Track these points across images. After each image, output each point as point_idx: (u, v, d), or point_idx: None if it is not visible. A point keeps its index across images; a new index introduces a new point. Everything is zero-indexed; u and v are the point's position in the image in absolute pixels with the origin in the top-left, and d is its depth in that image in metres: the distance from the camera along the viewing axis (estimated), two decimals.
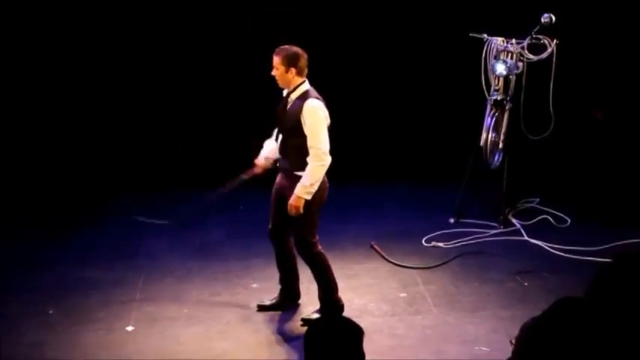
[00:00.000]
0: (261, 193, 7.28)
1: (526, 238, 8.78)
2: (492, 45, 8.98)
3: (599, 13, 9.98)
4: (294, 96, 6.70)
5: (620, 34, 10.03)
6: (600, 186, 9.84)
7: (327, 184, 6.86)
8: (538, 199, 9.66)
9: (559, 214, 9.31)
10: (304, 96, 6.66)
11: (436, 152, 10.43)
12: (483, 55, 9.04)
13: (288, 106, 6.73)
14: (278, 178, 6.97)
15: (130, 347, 6.61)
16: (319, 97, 6.72)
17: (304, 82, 6.74)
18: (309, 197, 6.61)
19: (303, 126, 6.58)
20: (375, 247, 8.45)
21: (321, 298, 7.03)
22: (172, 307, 7.24)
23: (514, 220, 9.17)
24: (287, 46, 6.69)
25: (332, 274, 6.99)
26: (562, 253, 8.35)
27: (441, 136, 10.46)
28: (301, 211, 6.63)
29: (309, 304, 7.25)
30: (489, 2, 9.91)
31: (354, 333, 3.68)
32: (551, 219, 9.22)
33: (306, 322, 6.88)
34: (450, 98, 10.31)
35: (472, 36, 9.05)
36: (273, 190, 7.00)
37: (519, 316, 6.12)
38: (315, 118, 6.59)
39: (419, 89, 10.51)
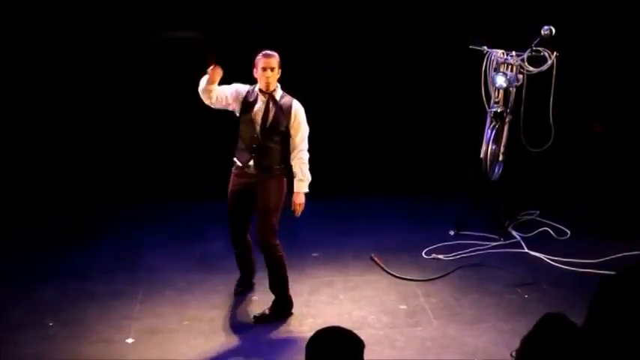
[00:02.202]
0: None
1: (526, 250, 8.77)
2: (492, 57, 8.98)
3: (599, 25, 10.02)
4: (276, 96, 7.10)
5: (621, 47, 10.06)
6: (600, 198, 9.85)
7: None
8: (538, 212, 9.67)
9: (559, 226, 9.30)
10: (286, 96, 7.15)
11: (436, 164, 10.44)
12: (483, 68, 9.05)
13: (272, 106, 7.07)
14: (243, 179, 7.20)
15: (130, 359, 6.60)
16: None
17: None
18: (306, 189, 7.24)
19: (291, 122, 7.10)
20: (375, 259, 8.44)
21: (277, 293, 7.33)
22: (172, 319, 7.23)
23: (514, 233, 9.16)
24: (269, 50, 7.08)
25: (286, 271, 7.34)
26: (562, 266, 8.35)
27: (441, 149, 10.47)
28: (302, 203, 7.23)
29: (308, 316, 7.27)
30: (489, 15, 9.93)
31: (354, 345, 3.68)
32: (551, 231, 9.21)
33: (257, 319, 7.23)
34: (450, 110, 10.33)
35: (472, 48, 9.05)
36: (238, 190, 7.22)
37: (519, 328, 6.12)
38: (304, 116, 7.17)
39: (419, 101, 10.53)
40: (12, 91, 9.95)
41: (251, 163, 7.13)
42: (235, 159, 7.25)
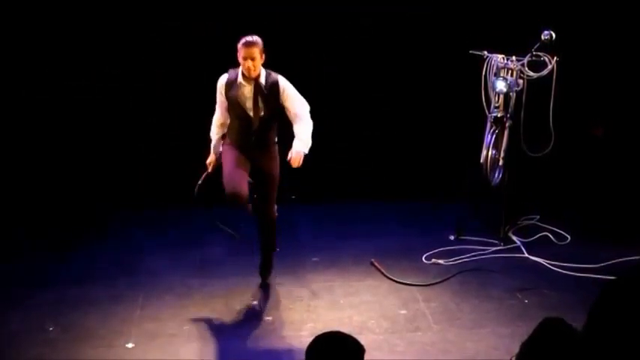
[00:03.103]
0: None
1: (526, 255, 8.76)
2: (492, 62, 8.97)
3: (600, 30, 10.02)
4: (262, 79, 7.16)
5: (621, 52, 10.07)
6: (601, 203, 9.85)
7: None
8: (538, 216, 9.65)
9: (559, 231, 9.29)
10: (269, 75, 7.22)
11: (436, 169, 10.43)
12: (483, 73, 9.04)
13: (260, 90, 7.15)
14: (241, 148, 7.33)
15: None
16: None
17: None
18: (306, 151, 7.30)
19: (281, 98, 7.23)
20: (375, 264, 8.44)
21: (270, 247, 7.81)
22: (172, 324, 7.23)
23: (514, 237, 9.15)
24: (252, 37, 7.13)
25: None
26: (562, 270, 8.34)
27: (441, 153, 10.46)
28: (300, 158, 7.27)
29: (308, 321, 7.27)
30: (489, 19, 9.94)
31: (354, 350, 3.68)
32: (551, 236, 9.20)
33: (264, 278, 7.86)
34: (450, 115, 10.32)
35: (472, 53, 9.05)
36: (237, 150, 7.36)
37: (519, 333, 6.09)
38: (293, 88, 7.32)
39: (419, 106, 10.53)
40: (13, 95, 9.94)
41: (254, 138, 7.31)
42: (231, 140, 7.43)
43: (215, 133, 7.62)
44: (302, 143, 7.26)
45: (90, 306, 7.52)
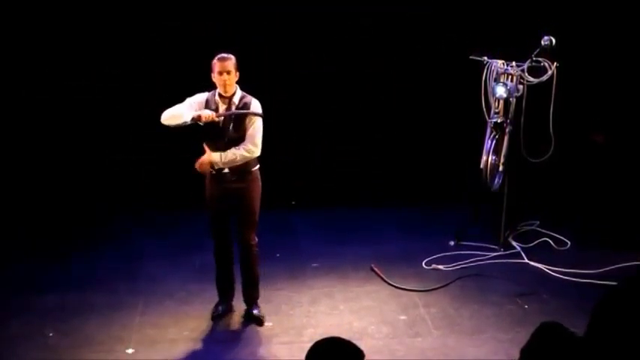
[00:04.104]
0: (260, 216, 7.30)
1: (526, 260, 8.76)
2: (492, 67, 8.97)
3: (600, 36, 10.02)
4: (236, 99, 7.05)
5: (621, 57, 10.07)
6: (600, 208, 9.85)
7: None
8: (538, 222, 9.65)
9: (559, 236, 9.29)
10: (246, 96, 7.09)
11: (436, 175, 10.44)
12: (483, 78, 9.03)
13: (234, 109, 7.02)
14: (221, 184, 7.15)
15: None
16: None
17: None
18: (217, 166, 7.04)
19: (249, 126, 7.02)
20: (375, 269, 8.44)
21: (256, 297, 7.51)
22: (172, 329, 7.23)
23: (514, 243, 9.15)
24: (224, 53, 7.04)
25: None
26: (562, 276, 8.34)
27: (442, 159, 10.47)
28: (205, 167, 7.09)
29: (308, 327, 7.27)
30: (489, 25, 9.94)
31: (354, 355, 3.67)
32: (551, 241, 9.20)
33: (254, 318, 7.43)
34: (450, 121, 10.33)
35: (472, 58, 9.06)
36: (218, 196, 7.19)
37: (519, 339, 6.09)
38: (260, 119, 7.08)
39: (419, 111, 10.54)
40: (13, 97, 9.95)
41: (226, 170, 7.11)
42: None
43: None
44: (222, 155, 7.02)
45: (90, 311, 7.53)
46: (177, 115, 6.98)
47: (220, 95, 7.06)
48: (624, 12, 10.02)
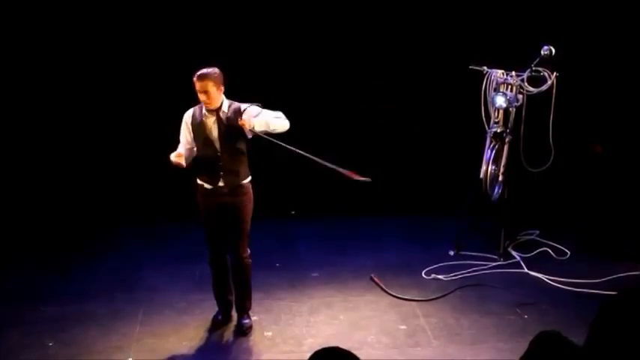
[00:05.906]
0: (260, 226, 7.31)
1: (526, 270, 8.76)
2: (492, 77, 8.99)
3: (599, 45, 10.03)
4: (225, 108, 6.96)
5: (620, 68, 10.08)
6: (600, 218, 9.85)
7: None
8: (538, 232, 9.66)
9: (559, 246, 9.30)
10: (233, 103, 6.98)
11: (436, 184, 10.44)
12: (483, 88, 9.05)
13: (223, 119, 6.94)
14: (214, 198, 7.11)
15: None
16: None
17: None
18: (258, 128, 6.83)
19: (244, 113, 6.85)
20: (375, 279, 8.44)
21: (248, 307, 7.48)
22: (172, 339, 7.23)
23: (514, 253, 9.16)
24: (207, 69, 6.86)
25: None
26: (562, 286, 8.34)
27: (441, 169, 10.47)
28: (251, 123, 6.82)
29: (308, 337, 7.27)
30: (489, 35, 9.95)
31: None
32: (550, 251, 9.21)
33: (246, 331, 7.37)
34: (450, 130, 10.34)
35: (472, 68, 9.07)
36: (212, 210, 7.16)
37: (519, 349, 6.03)
38: (255, 106, 6.96)
39: (419, 121, 10.54)
40: (13, 107, 9.96)
41: (221, 183, 7.06)
42: (201, 182, 7.18)
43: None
44: (262, 114, 6.93)
45: (90, 321, 7.53)
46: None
47: (207, 108, 6.98)
48: (623, 21, 10.03)
